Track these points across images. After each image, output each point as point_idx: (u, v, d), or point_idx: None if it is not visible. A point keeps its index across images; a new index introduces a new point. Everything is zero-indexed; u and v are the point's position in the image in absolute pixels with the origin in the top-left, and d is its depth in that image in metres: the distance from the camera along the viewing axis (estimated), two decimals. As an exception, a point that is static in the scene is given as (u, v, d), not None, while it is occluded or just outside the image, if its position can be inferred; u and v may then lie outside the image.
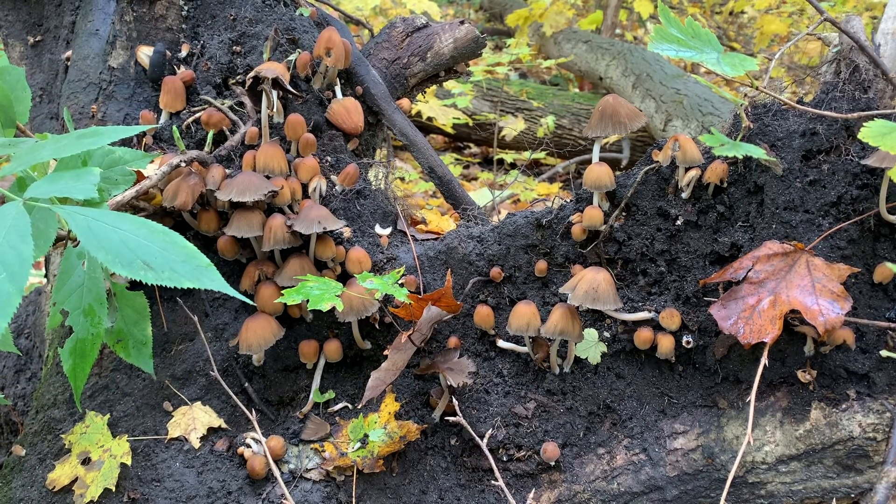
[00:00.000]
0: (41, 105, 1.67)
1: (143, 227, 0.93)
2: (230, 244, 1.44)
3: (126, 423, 1.41)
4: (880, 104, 1.32)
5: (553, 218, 1.46)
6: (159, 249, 0.91)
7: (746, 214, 1.36)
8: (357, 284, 1.33)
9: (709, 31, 1.30)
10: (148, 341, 1.29)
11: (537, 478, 1.39)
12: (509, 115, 4.89)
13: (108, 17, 1.54)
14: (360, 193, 1.54)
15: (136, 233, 0.91)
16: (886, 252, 1.31)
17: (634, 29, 7.73)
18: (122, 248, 0.89)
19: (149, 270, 0.88)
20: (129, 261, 0.88)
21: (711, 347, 1.36)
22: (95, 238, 0.89)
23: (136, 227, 0.92)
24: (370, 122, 1.67)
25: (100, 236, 0.89)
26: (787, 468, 1.32)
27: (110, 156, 1.29)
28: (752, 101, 1.40)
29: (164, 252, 0.91)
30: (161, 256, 0.90)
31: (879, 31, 1.42)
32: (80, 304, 1.19)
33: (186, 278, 0.90)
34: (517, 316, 1.37)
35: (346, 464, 1.35)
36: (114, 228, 0.91)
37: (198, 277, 0.91)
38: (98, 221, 0.91)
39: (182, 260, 0.91)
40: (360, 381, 1.48)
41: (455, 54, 1.78)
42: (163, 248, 0.91)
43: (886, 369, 1.29)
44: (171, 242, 0.93)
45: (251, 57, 1.53)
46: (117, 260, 0.88)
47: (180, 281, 0.89)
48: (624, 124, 1.41)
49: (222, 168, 1.41)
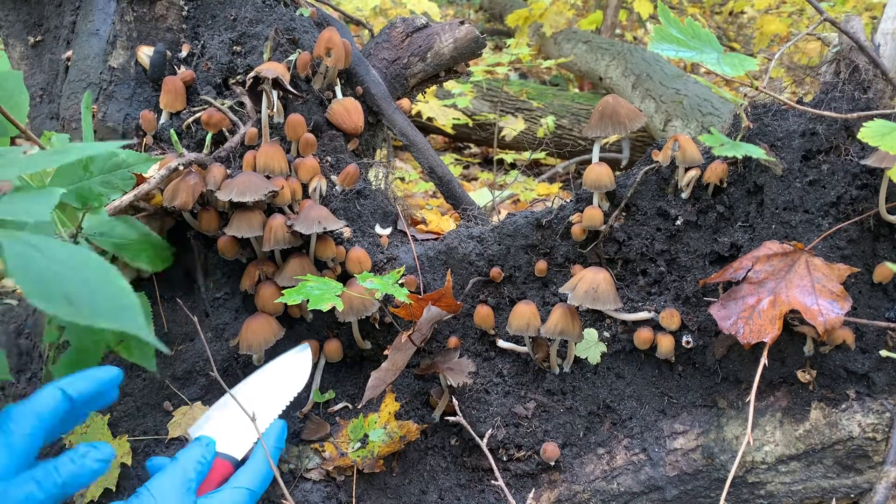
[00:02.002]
0: (41, 105, 1.67)
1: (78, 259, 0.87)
2: (230, 244, 1.44)
3: (126, 423, 1.41)
4: (880, 104, 1.32)
5: (553, 218, 1.46)
6: (84, 283, 0.84)
7: (746, 214, 1.36)
8: (357, 284, 1.33)
9: (709, 31, 1.30)
10: None
11: (537, 478, 1.39)
12: (509, 116, 4.90)
13: (108, 17, 1.54)
14: (360, 193, 1.54)
15: (68, 263, 0.85)
16: (886, 252, 1.31)
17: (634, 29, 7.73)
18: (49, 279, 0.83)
19: (68, 306, 0.81)
20: (51, 295, 0.81)
21: (711, 347, 1.36)
22: (23, 264, 0.83)
23: (69, 257, 0.86)
24: (370, 122, 1.68)
25: (28, 263, 0.83)
26: (786, 468, 1.32)
27: (112, 159, 1.28)
28: (751, 102, 1.40)
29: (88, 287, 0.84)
30: (85, 291, 0.84)
31: (879, 31, 1.42)
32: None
33: (105, 317, 0.83)
34: (517, 316, 1.37)
35: (346, 464, 1.35)
36: (46, 258, 0.84)
37: (119, 317, 0.83)
38: (32, 248, 0.85)
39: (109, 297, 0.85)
40: (360, 381, 1.49)
41: (455, 54, 1.78)
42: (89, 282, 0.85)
43: (886, 369, 1.29)
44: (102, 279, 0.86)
45: (251, 57, 1.54)
46: (36, 291, 0.81)
47: (97, 320, 0.82)
48: (624, 124, 1.41)
49: (223, 168, 1.41)
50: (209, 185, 1.38)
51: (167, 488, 1.05)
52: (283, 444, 1.24)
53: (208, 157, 1.44)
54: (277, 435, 1.23)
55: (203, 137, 1.50)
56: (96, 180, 1.26)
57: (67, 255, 0.87)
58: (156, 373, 1.33)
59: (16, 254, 0.84)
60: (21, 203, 0.94)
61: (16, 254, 0.84)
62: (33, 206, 0.93)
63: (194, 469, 1.10)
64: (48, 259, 0.85)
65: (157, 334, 1.42)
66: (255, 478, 1.14)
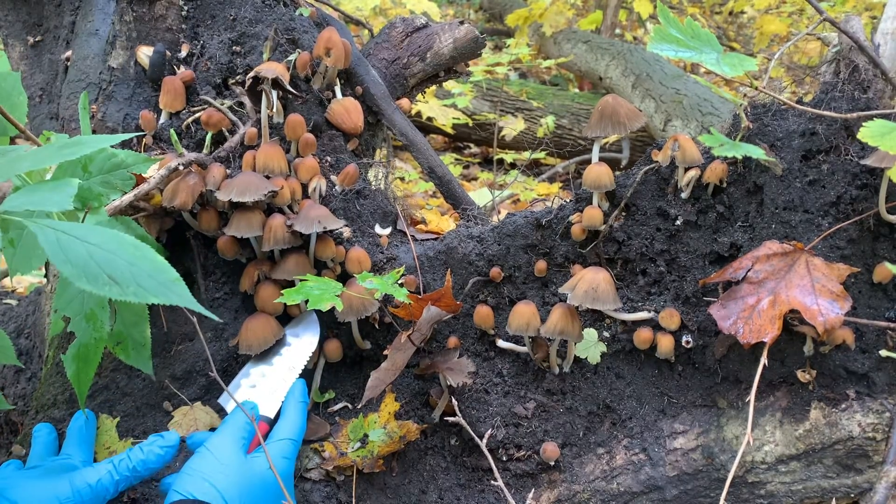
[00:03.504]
0: (41, 105, 1.67)
1: (113, 240, 0.89)
2: (230, 244, 1.44)
3: (126, 423, 1.41)
4: (880, 104, 1.32)
5: (553, 218, 1.46)
6: (127, 264, 0.87)
7: (746, 214, 1.36)
8: (357, 284, 1.33)
9: (708, 31, 1.30)
10: (147, 343, 1.29)
11: (537, 477, 1.39)
12: (509, 115, 4.89)
13: (107, 17, 1.54)
14: (359, 193, 1.54)
15: (105, 246, 0.88)
16: (886, 252, 1.31)
17: (634, 29, 7.73)
18: (89, 262, 0.85)
19: (114, 286, 0.84)
20: (95, 276, 0.84)
21: (711, 347, 1.36)
22: (62, 252, 0.85)
23: (105, 240, 0.89)
24: (370, 122, 1.67)
25: (67, 250, 0.86)
26: (786, 468, 1.32)
27: (112, 159, 1.28)
28: (751, 101, 1.40)
29: (131, 266, 0.87)
30: (128, 271, 0.86)
31: (879, 30, 1.42)
32: (82, 309, 1.18)
33: (152, 293, 0.86)
34: (517, 316, 1.37)
35: (346, 463, 1.35)
36: (82, 242, 0.87)
37: (164, 293, 0.87)
38: (67, 235, 0.87)
39: (149, 274, 0.87)
40: (359, 381, 1.49)
41: (455, 54, 1.78)
42: (131, 262, 0.87)
43: (886, 369, 1.29)
44: (140, 256, 0.89)
45: (251, 57, 1.53)
46: (83, 274, 0.84)
47: (146, 297, 0.85)
48: (623, 124, 1.41)
49: (223, 168, 1.41)
50: (209, 185, 1.38)
51: (223, 445, 1.21)
52: (307, 399, 1.37)
53: (208, 157, 1.44)
54: (302, 390, 1.36)
55: (203, 137, 1.50)
56: (96, 180, 1.26)
57: (103, 238, 0.89)
58: (152, 375, 1.34)
59: (53, 241, 0.86)
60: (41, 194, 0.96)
61: (53, 241, 0.86)
62: (54, 197, 0.94)
63: (243, 429, 1.25)
64: (86, 244, 0.87)
65: (157, 334, 1.41)
66: (294, 429, 1.29)
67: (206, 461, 1.18)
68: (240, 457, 1.20)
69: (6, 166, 0.99)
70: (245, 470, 1.19)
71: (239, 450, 1.21)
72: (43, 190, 0.98)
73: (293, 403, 1.33)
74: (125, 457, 1.22)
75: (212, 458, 1.18)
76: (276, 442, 1.26)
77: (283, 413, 1.32)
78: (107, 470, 1.20)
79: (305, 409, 1.34)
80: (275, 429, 1.29)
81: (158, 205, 1.41)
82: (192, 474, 1.16)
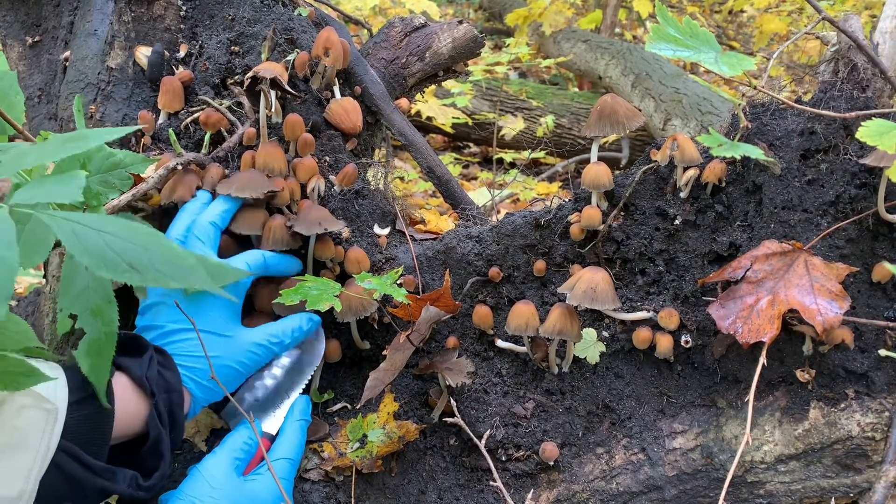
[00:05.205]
0: (40, 105, 1.67)
1: (127, 229, 0.89)
2: (229, 244, 1.44)
3: (125, 424, 1.41)
4: (878, 103, 1.32)
5: (551, 218, 1.46)
6: (143, 250, 0.87)
7: (745, 214, 1.36)
8: (355, 285, 1.33)
9: (707, 30, 1.30)
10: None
11: (536, 477, 1.39)
12: (509, 115, 4.89)
13: (106, 17, 1.54)
14: (358, 193, 1.54)
15: (120, 234, 0.88)
16: (885, 251, 1.31)
17: (634, 28, 7.73)
18: (106, 250, 0.85)
19: (134, 272, 0.85)
20: (114, 263, 0.85)
21: (710, 347, 1.36)
22: (80, 242, 0.85)
23: (119, 229, 0.88)
24: (369, 121, 1.67)
25: (84, 240, 0.85)
26: (785, 467, 1.32)
27: (110, 159, 1.28)
28: (750, 101, 1.40)
29: (148, 253, 0.87)
30: (145, 257, 0.86)
31: (878, 29, 1.42)
32: (88, 305, 1.17)
33: (172, 278, 0.86)
34: (516, 316, 1.37)
35: (345, 464, 1.35)
36: (97, 232, 0.87)
37: (184, 276, 0.87)
38: (82, 225, 0.87)
39: (167, 260, 0.87)
40: (358, 382, 1.48)
41: (454, 54, 1.78)
42: (147, 248, 0.87)
43: (885, 368, 1.29)
44: (155, 243, 0.88)
45: (249, 57, 1.53)
46: (102, 263, 0.84)
47: (166, 282, 0.85)
48: (622, 124, 1.41)
49: (221, 168, 1.41)
50: (206, 185, 1.38)
51: (216, 468, 1.20)
52: (309, 416, 1.37)
53: (206, 157, 1.44)
54: (303, 409, 1.36)
55: (201, 137, 1.50)
56: (94, 179, 1.26)
57: (118, 227, 0.89)
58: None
59: (69, 232, 0.86)
60: (48, 187, 0.96)
61: (69, 232, 0.86)
62: (63, 189, 0.94)
63: (241, 450, 1.24)
64: (101, 233, 0.87)
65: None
66: (291, 448, 1.29)
67: (199, 484, 1.17)
68: (232, 479, 1.19)
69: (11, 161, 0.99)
70: (237, 494, 1.18)
71: (232, 472, 1.20)
72: (50, 183, 0.97)
73: (293, 422, 1.33)
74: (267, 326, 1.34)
75: (203, 482, 1.17)
76: (273, 462, 1.25)
77: (283, 431, 1.32)
78: (255, 341, 1.30)
79: (306, 427, 1.35)
80: (273, 447, 1.29)
81: (156, 205, 1.41)
82: (183, 499, 1.15)
